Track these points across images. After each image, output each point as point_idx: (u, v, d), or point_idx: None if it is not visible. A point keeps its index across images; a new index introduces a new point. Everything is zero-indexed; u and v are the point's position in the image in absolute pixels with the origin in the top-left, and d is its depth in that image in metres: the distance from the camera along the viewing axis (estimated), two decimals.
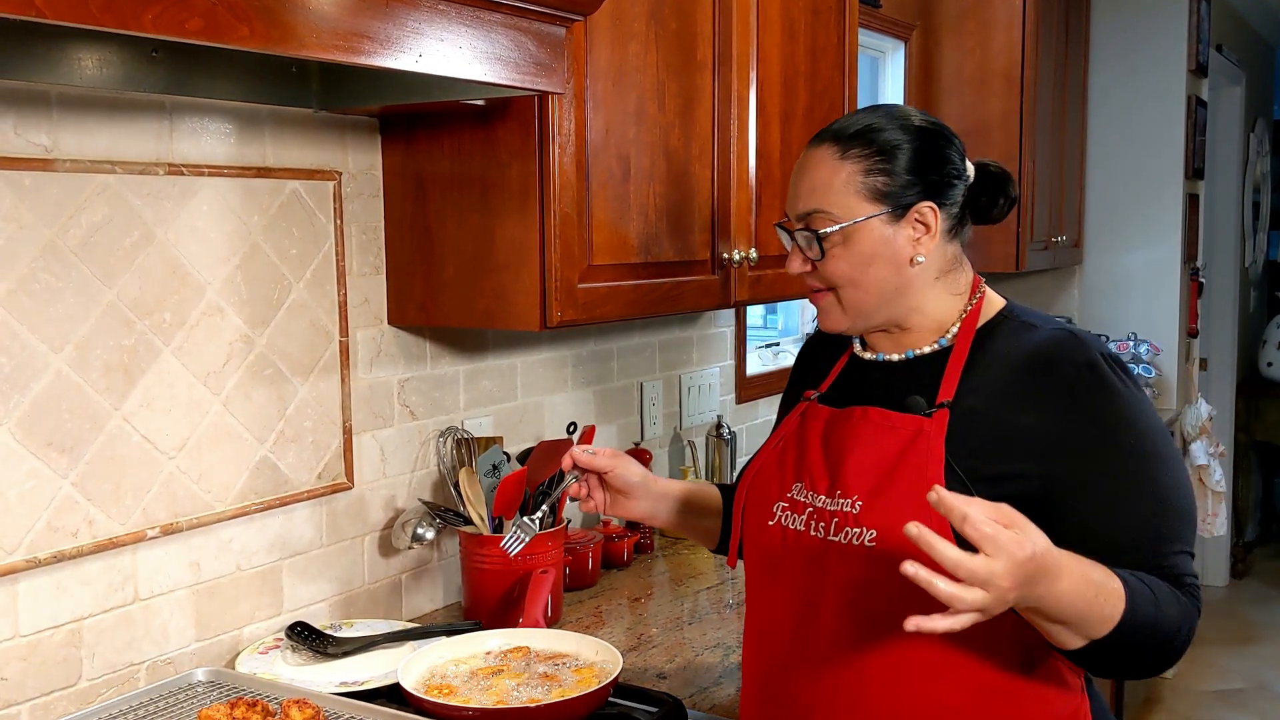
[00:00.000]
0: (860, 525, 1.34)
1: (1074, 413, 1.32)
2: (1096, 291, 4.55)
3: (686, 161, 2.08)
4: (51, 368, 1.53)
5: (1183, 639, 1.28)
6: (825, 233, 1.38)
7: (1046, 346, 1.36)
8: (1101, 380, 1.33)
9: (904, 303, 1.41)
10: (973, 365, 1.39)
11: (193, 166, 1.69)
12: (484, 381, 2.22)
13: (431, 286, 1.94)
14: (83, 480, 1.57)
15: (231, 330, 1.76)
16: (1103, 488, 1.30)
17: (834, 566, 1.36)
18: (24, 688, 1.52)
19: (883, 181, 1.37)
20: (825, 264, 1.40)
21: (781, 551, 1.44)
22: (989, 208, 1.45)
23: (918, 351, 1.44)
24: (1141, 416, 1.34)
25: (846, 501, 1.37)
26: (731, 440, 2.82)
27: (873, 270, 1.38)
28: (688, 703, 1.66)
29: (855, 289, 1.40)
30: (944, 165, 1.40)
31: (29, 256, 1.50)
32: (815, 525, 1.39)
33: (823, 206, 1.39)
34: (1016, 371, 1.36)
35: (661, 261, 2.03)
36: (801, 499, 1.43)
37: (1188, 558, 1.32)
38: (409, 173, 1.94)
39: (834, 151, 1.39)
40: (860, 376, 1.48)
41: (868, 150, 1.38)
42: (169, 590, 1.70)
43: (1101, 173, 4.51)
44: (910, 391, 1.39)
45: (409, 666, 1.61)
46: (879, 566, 1.32)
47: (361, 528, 2.00)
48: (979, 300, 1.44)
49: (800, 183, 1.42)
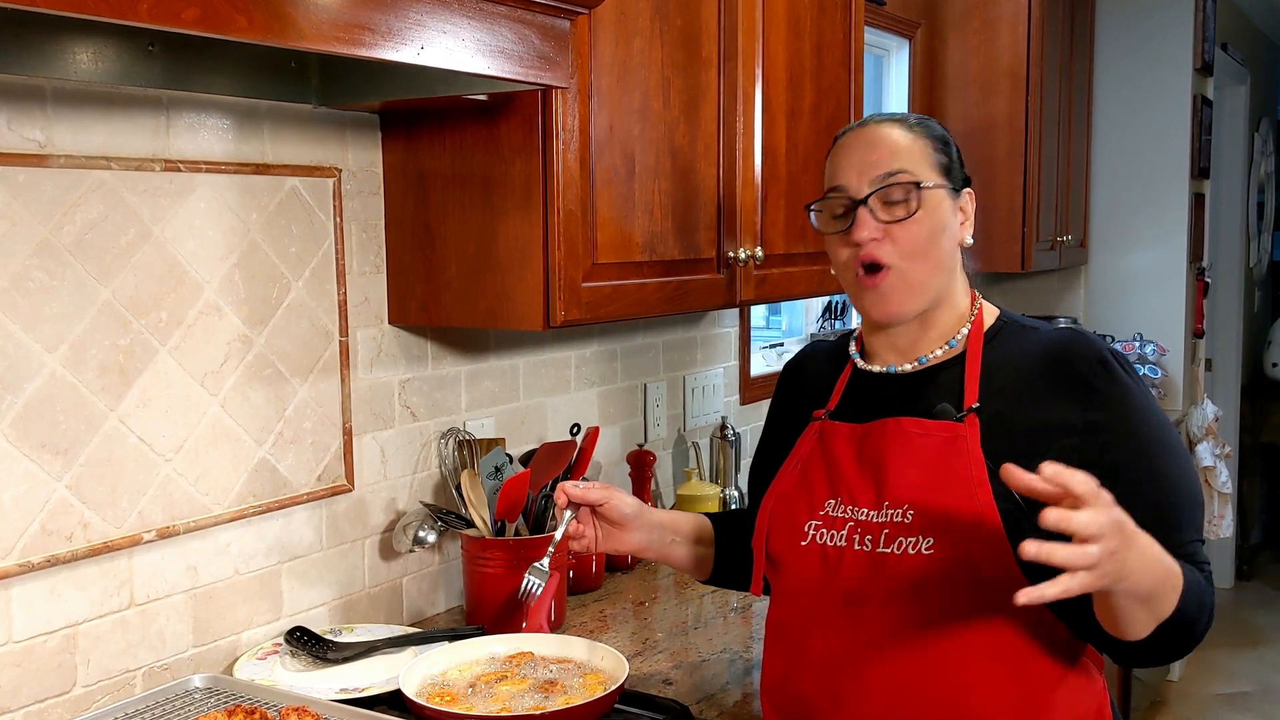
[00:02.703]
0: (916, 534, 1.36)
1: (1095, 402, 1.36)
2: (1102, 292, 4.53)
3: (692, 159, 2.05)
4: (46, 368, 1.50)
5: (1206, 622, 1.32)
6: (923, 185, 1.41)
7: (1059, 344, 1.41)
8: (1114, 374, 1.37)
9: (946, 286, 1.46)
10: (987, 370, 1.42)
11: (190, 163, 1.66)
12: (486, 382, 2.19)
13: (433, 286, 1.91)
14: (78, 483, 1.54)
15: (229, 330, 1.72)
16: (1128, 474, 1.32)
17: (886, 578, 1.37)
18: (18, 695, 1.49)
19: (944, 161, 1.45)
20: (907, 226, 1.41)
21: (822, 570, 1.43)
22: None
23: (929, 358, 1.46)
24: (1153, 409, 1.39)
25: (897, 512, 1.38)
26: (736, 441, 2.79)
27: (941, 241, 1.43)
28: (695, 709, 1.62)
29: (922, 260, 1.42)
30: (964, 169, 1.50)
31: (23, 254, 1.47)
32: (861, 539, 1.40)
33: (908, 167, 1.43)
34: (1033, 371, 1.40)
35: (666, 260, 2.00)
36: (840, 515, 1.43)
37: (1201, 545, 1.36)
38: (410, 170, 1.91)
39: (904, 128, 1.45)
40: (874, 390, 1.49)
41: (931, 134, 1.46)
42: (166, 595, 1.67)
43: (1107, 172, 4.48)
44: (934, 399, 1.42)
45: (410, 673, 1.58)
46: (935, 572, 1.35)
47: (362, 530, 1.97)
48: (980, 307, 1.49)
49: (874, 153, 1.44)
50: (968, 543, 1.33)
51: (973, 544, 1.33)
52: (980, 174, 3.60)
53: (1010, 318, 1.49)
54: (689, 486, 2.61)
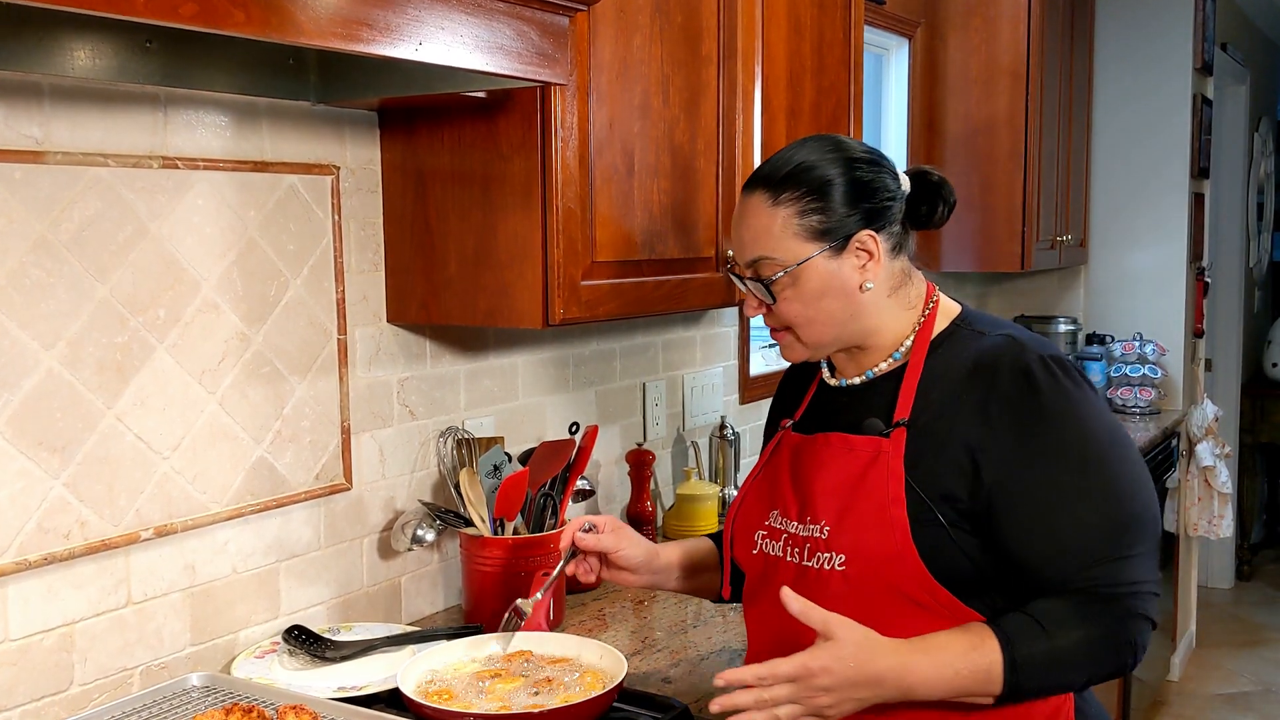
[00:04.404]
0: (830, 550, 1.37)
1: (1007, 424, 1.32)
2: (1102, 291, 4.52)
3: (691, 157, 2.04)
4: (42, 365, 1.49)
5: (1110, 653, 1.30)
6: (773, 279, 1.40)
7: (987, 355, 1.37)
8: (1034, 387, 1.33)
9: (860, 326, 1.43)
10: (928, 380, 1.40)
11: (188, 160, 1.65)
12: (485, 381, 2.19)
13: (432, 284, 1.90)
14: (75, 481, 1.53)
15: (227, 328, 1.72)
16: (1028, 504, 1.31)
17: (811, 590, 1.37)
18: (14, 693, 1.48)
19: (819, 220, 1.38)
20: (779, 307, 1.42)
21: (764, 578, 1.47)
22: (929, 215, 1.46)
23: (875, 371, 1.45)
24: (1080, 421, 1.33)
25: (815, 526, 1.39)
26: (735, 441, 2.79)
27: (824, 304, 1.40)
28: (693, 708, 1.62)
29: (811, 325, 1.42)
30: (877, 193, 1.41)
31: (19, 251, 1.46)
32: (790, 551, 1.43)
33: (765, 253, 1.40)
34: (961, 383, 1.37)
35: (666, 259, 2.00)
36: (778, 526, 1.46)
37: (1127, 563, 1.30)
38: (409, 167, 1.91)
39: (767, 198, 1.40)
40: (828, 403, 1.50)
41: (799, 191, 1.39)
42: (163, 593, 1.66)
43: (1107, 172, 4.47)
44: (870, 413, 1.41)
45: (408, 671, 1.57)
46: (851, 589, 1.35)
47: (360, 529, 1.96)
48: (932, 311, 1.45)
49: (741, 232, 1.43)
50: (877, 561, 1.33)
51: (882, 563, 1.33)
52: (980, 173, 3.60)
53: (966, 320, 1.45)
54: (688, 486, 2.60)
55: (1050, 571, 1.30)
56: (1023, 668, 1.27)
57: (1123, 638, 1.30)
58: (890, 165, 1.45)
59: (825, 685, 1.22)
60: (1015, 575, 1.33)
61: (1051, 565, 1.30)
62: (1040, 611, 1.29)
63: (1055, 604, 1.30)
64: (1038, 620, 1.29)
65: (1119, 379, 4.30)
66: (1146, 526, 1.33)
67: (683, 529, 2.52)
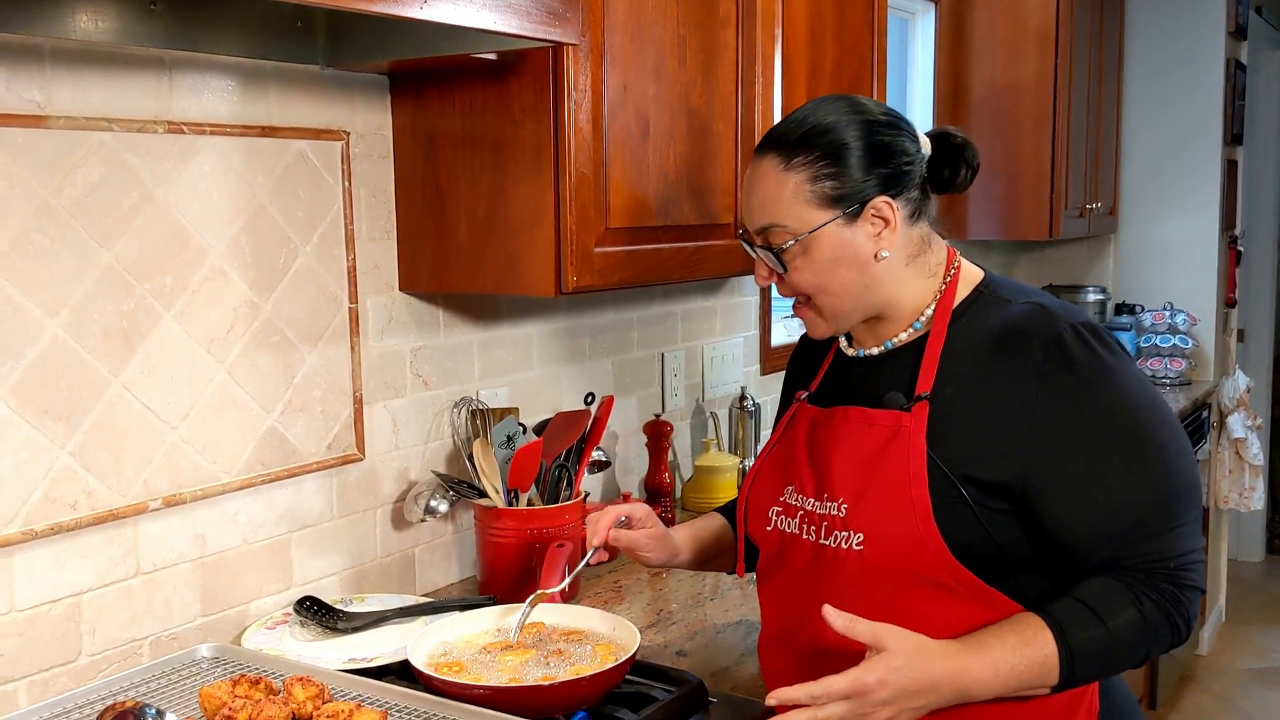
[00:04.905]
0: (848, 529, 1.32)
1: (1041, 398, 1.27)
2: (1132, 260, 4.44)
3: (708, 120, 2.00)
4: (47, 333, 1.47)
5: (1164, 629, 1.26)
6: (783, 247, 1.35)
7: (1014, 324, 1.31)
8: (1068, 358, 1.27)
9: (877, 296, 1.37)
10: (950, 350, 1.34)
11: (194, 125, 1.62)
12: (499, 351, 2.16)
13: (443, 251, 1.87)
14: (81, 450, 1.52)
15: (236, 295, 1.69)
16: (1069, 483, 1.26)
17: (828, 570, 1.34)
18: (20, 664, 1.47)
19: (831, 186, 1.32)
20: (790, 276, 1.37)
21: (779, 556, 1.43)
22: (951, 179, 1.40)
23: (895, 342, 1.40)
24: (1118, 391, 1.28)
25: (834, 504, 1.35)
26: (755, 412, 2.75)
27: (838, 274, 1.35)
28: (708, 682, 1.59)
29: (825, 295, 1.37)
30: (895, 156, 1.35)
31: (21, 216, 1.44)
32: (807, 528, 1.38)
33: (775, 220, 1.35)
34: (987, 354, 1.31)
35: (682, 225, 1.96)
36: (794, 503, 1.41)
37: (1176, 534, 1.26)
38: (419, 132, 1.87)
39: (778, 162, 1.34)
40: (846, 374, 1.45)
41: (812, 155, 1.32)
42: (173, 564, 1.65)
43: (1137, 138, 4.38)
44: (890, 385, 1.36)
45: (419, 643, 1.55)
46: (869, 570, 1.31)
47: (373, 500, 1.94)
48: (953, 277, 1.39)
49: (751, 198, 1.38)
50: (897, 541, 1.28)
51: (902, 543, 1.28)
52: (1006, 139, 3.53)
53: (990, 287, 1.38)
54: (707, 457, 2.57)
55: (1097, 551, 1.26)
56: (1079, 656, 1.22)
57: (1177, 612, 1.26)
58: (910, 127, 1.39)
59: (882, 699, 1.17)
60: (1056, 556, 1.29)
61: (1098, 545, 1.26)
62: (1090, 595, 1.25)
63: (1105, 585, 1.25)
64: (1088, 605, 1.24)
65: (1149, 349, 4.23)
66: (1192, 494, 1.29)
67: (701, 501, 2.49)
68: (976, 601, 1.29)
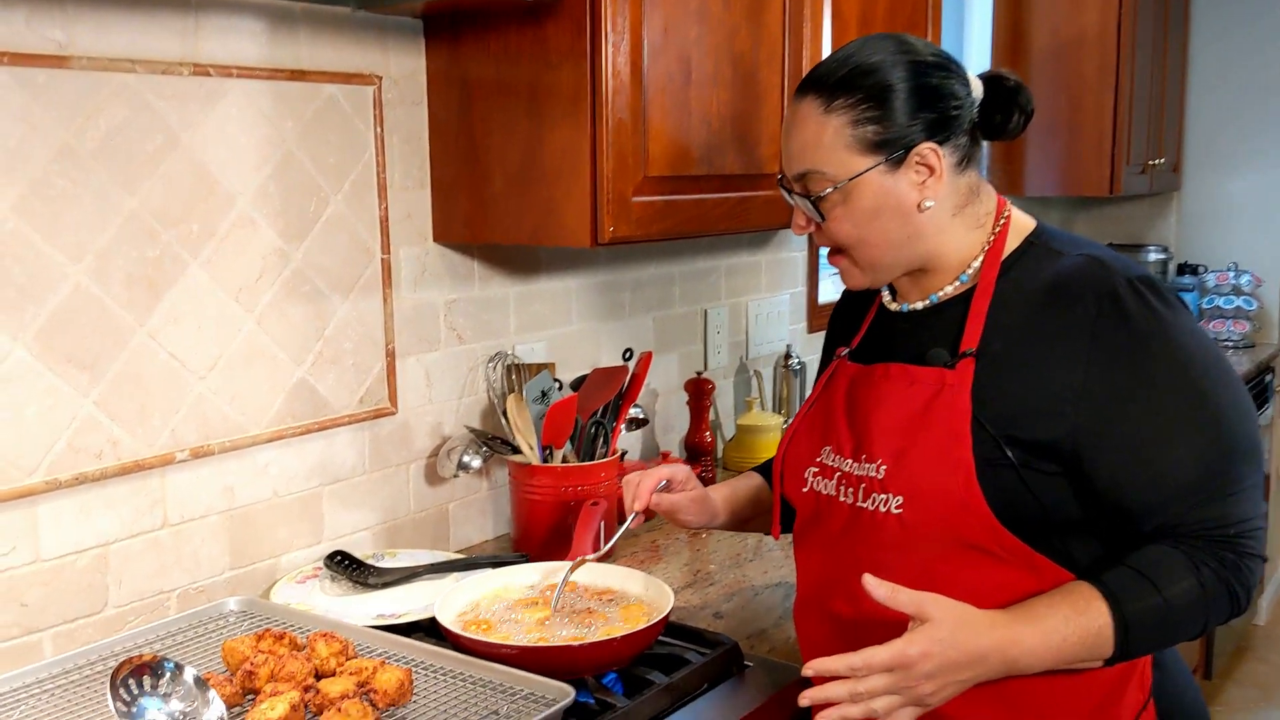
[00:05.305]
0: (887, 491, 1.26)
1: (1095, 355, 1.19)
2: (1195, 219, 4.29)
3: (754, 66, 1.92)
4: (70, 279, 1.44)
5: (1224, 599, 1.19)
6: (821, 195, 1.27)
7: (1066, 278, 1.23)
8: (1123, 314, 1.19)
9: (921, 248, 1.30)
10: (998, 304, 1.27)
11: (220, 67, 1.58)
12: (536, 305, 2.11)
13: (477, 200, 1.82)
14: (105, 399, 1.49)
15: (264, 244, 1.66)
16: (1124, 444, 1.19)
17: (865, 534, 1.28)
18: (46, 614, 1.46)
19: (874, 130, 1.25)
20: (828, 226, 1.30)
21: (815, 519, 1.37)
22: (1003, 124, 1.31)
23: (940, 295, 1.32)
24: (1177, 347, 1.20)
25: (872, 466, 1.28)
26: (801, 371, 2.68)
27: (878, 224, 1.27)
28: (745, 645, 1.54)
29: (865, 247, 1.30)
30: (943, 100, 1.26)
31: (42, 159, 1.40)
32: (844, 490, 1.32)
33: (814, 166, 1.27)
34: (1037, 309, 1.24)
35: (725, 175, 1.89)
36: (831, 463, 1.35)
37: (1237, 499, 1.19)
38: (454, 77, 1.82)
39: (818, 104, 1.26)
40: (888, 329, 1.38)
41: (854, 98, 1.25)
42: (201, 515, 1.62)
43: (1204, 91, 4.21)
44: (934, 341, 1.29)
45: (448, 600, 1.51)
46: (908, 534, 1.25)
47: (406, 455, 1.91)
48: (1003, 227, 1.31)
49: (789, 142, 1.30)
50: (938, 505, 1.22)
51: (943, 505, 1.21)
52: (1068, 91, 3.40)
53: (1042, 238, 1.30)
54: (749, 417, 2.51)
55: (1153, 517, 1.19)
56: (1134, 627, 1.16)
57: (1238, 581, 1.19)
58: (960, 69, 1.30)
59: (926, 671, 1.11)
60: (1108, 521, 1.22)
61: (1155, 509, 1.19)
62: (1146, 563, 1.18)
63: (1162, 552, 1.18)
64: (1144, 573, 1.17)
65: (1211, 311, 4.10)
66: (1254, 456, 1.21)
67: (743, 461, 2.44)
68: (1021, 567, 1.22)
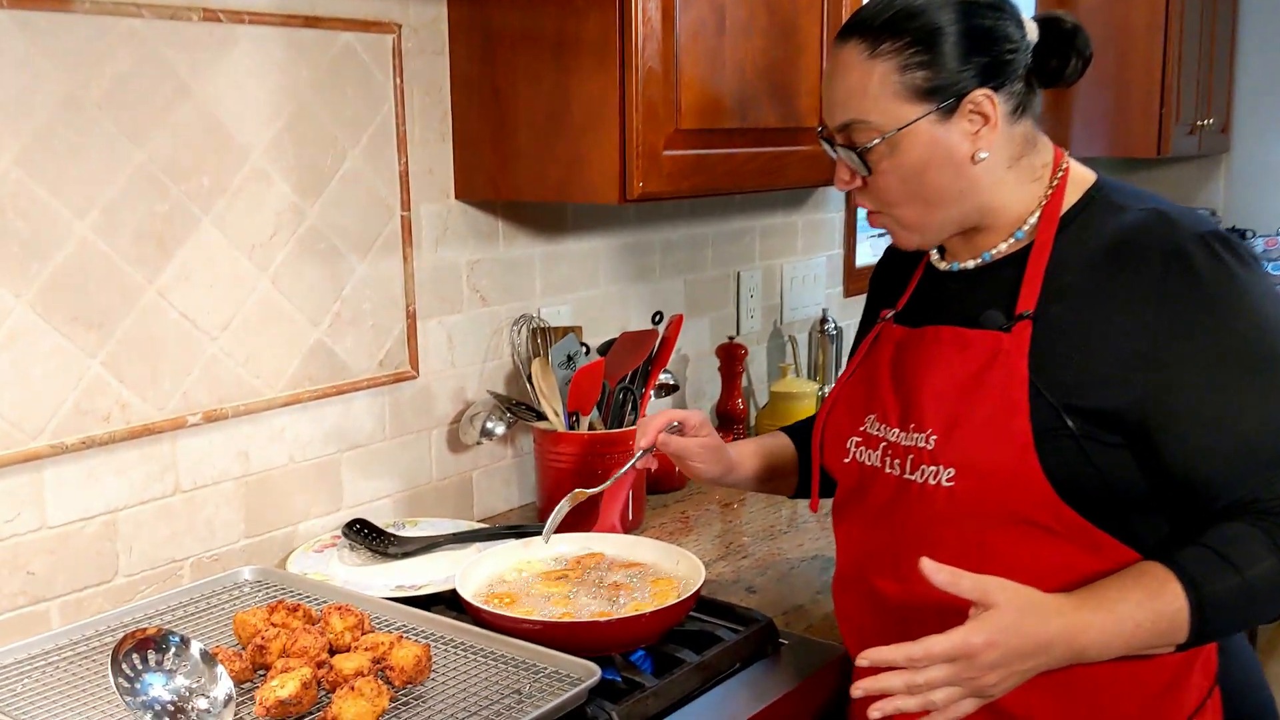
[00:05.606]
0: (937, 463, 1.18)
1: (1163, 316, 1.11)
2: (1245, 181, 4.15)
3: (793, 14, 1.83)
4: (75, 234, 1.38)
5: None
6: (867, 146, 1.19)
7: (1130, 234, 1.15)
8: (1192, 272, 1.11)
9: (974, 203, 1.21)
10: (1057, 263, 1.18)
11: (231, 13, 1.50)
12: (563, 266, 2.03)
13: (501, 155, 1.74)
14: (114, 360, 1.43)
15: (279, 199, 1.59)
16: (1195, 414, 1.11)
17: (913, 508, 1.20)
18: (53, 583, 1.40)
19: (923, 76, 1.16)
20: (875, 180, 1.21)
21: (858, 491, 1.29)
22: (1060, 70, 1.23)
23: (994, 253, 1.24)
24: (1251, 309, 1.11)
25: (921, 436, 1.20)
26: (837, 337, 2.60)
27: (929, 178, 1.19)
28: (779, 621, 1.47)
29: (913, 204, 1.21)
30: (997, 43, 1.17)
31: (46, 109, 1.34)
32: (890, 462, 1.23)
33: (859, 116, 1.18)
34: (1099, 267, 1.15)
35: (761, 128, 1.80)
36: (875, 433, 1.26)
37: None
38: (476, 25, 1.74)
39: (862, 50, 1.18)
40: (938, 290, 1.29)
41: (901, 41, 1.16)
42: (214, 481, 1.56)
43: (1256, 49, 4.06)
44: (988, 302, 1.20)
45: (469, 572, 1.45)
46: (959, 509, 1.16)
47: (427, 420, 1.84)
48: (1061, 180, 1.22)
49: (832, 90, 1.21)
50: (993, 476, 1.13)
51: (998, 478, 1.13)
52: (1116, 46, 3.27)
53: (1103, 191, 1.21)
54: (784, 383, 2.43)
55: (1228, 491, 1.10)
56: (1211, 610, 1.08)
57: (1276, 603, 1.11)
58: (1013, 9, 1.21)
59: (990, 661, 1.03)
60: (1178, 496, 1.14)
61: (1228, 484, 1.10)
62: (1222, 541, 1.09)
63: (1239, 530, 1.09)
64: (1220, 553, 1.08)
65: None
66: None
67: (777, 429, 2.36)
68: (1081, 545, 1.14)
